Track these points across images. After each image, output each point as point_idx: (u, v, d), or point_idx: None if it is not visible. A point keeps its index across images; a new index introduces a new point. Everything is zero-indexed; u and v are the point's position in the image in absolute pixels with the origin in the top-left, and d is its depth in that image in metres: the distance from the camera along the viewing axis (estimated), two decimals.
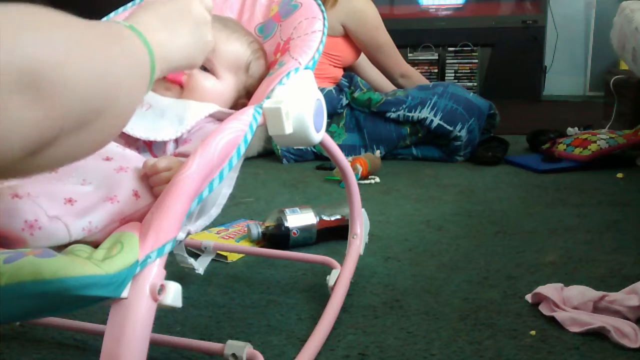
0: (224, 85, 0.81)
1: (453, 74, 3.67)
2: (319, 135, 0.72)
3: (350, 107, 2.11)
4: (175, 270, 1.03)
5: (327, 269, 0.99)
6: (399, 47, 2.29)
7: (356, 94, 2.08)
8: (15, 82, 0.35)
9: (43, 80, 0.37)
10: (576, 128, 2.09)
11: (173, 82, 0.78)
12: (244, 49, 0.83)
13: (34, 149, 0.38)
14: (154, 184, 0.60)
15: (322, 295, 0.96)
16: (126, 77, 0.46)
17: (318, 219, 1.23)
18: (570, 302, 0.89)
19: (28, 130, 0.37)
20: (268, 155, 2.18)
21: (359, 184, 1.03)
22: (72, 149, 0.43)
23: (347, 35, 2.20)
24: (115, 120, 0.46)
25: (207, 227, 0.90)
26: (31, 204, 0.53)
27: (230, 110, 0.78)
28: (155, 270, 0.49)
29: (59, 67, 0.38)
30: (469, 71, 3.65)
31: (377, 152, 1.96)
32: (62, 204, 0.54)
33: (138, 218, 0.57)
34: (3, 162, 0.37)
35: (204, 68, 0.80)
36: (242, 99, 0.84)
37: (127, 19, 0.55)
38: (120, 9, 0.92)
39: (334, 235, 1.24)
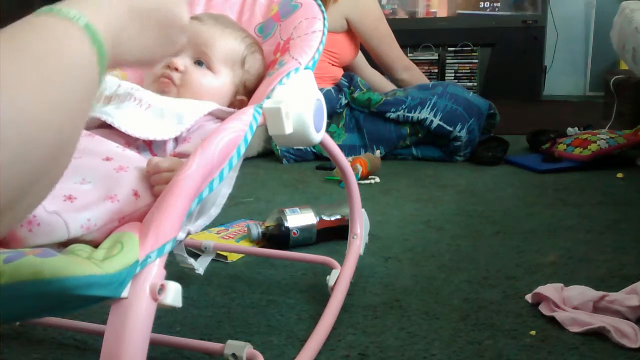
0: (221, 81, 0.81)
1: (453, 74, 3.67)
2: (319, 135, 0.72)
3: (349, 107, 2.11)
4: (175, 271, 1.03)
5: (327, 269, 0.99)
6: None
7: (356, 94, 2.09)
8: None
9: None
10: (576, 128, 2.09)
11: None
12: (237, 43, 0.83)
13: None
14: (154, 183, 0.60)
15: (322, 295, 0.96)
16: (69, 118, 0.37)
17: (318, 219, 1.23)
18: (570, 302, 0.89)
19: None
20: (268, 155, 2.18)
21: (359, 184, 1.03)
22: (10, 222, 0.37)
23: (349, 31, 2.21)
24: (58, 173, 0.39)
25: (207, 227, 0.90)
26: None
27: (230, 109, 0.78)
28: (155, 270, 0.49)
29: None
30: (469, 71, 3.65)
31: (377, 152, 1.96)
32: (61, 201, 0.54)
33: (137, 218, 0.57)
34: None
35: (200, 63, 0.80)
36: (240, 95, 0.84)
37: None
38: None
39: (334, 235, 1.24)
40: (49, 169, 0.37)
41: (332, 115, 2.09)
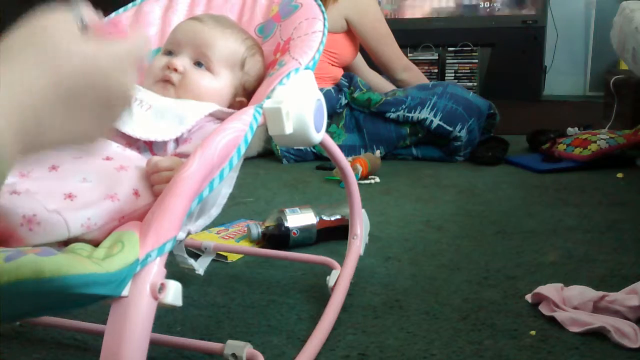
0: (221, 82, 0.81)
1: (453, 74, 3.67)
2: (319, 135, 0.72)
3: (349, 108, 2.11)
4: (175, 270, 1.03)
5: (327, 269, 0.99)
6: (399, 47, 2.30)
7: (356, 94, 2.09)
8: None
9: None
10: (576, 128, 2.09)
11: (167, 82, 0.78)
12: (238, 44, 0.83)
13: None
14: (154, 182, 0.60)
15: (322, 295, 0.96)
16: None
17: (318, 219, 1.23)
18: (570, 302, 0.89)
19: None
20: (268, 155, 2.18)
21: (359, 184, 1.03)
22: None
23: (348, 31, 2.21)
24: None
25: (207, 227, 0.90)
26: (30, 200, 0.53)
27: (230, 110, 0.78)
28: (156, 269, 0.49)
29: None
30: (469, 71, 3.65)
31: (377, 152, 1.95)
32: (61, 199, 0.54)
33: (137, 217, 0.57)
34: None
35: (199, 64, 0.80)
36: (239, 97, 0.84)
37: (15, 66, 0.38)
38: (121, 10, 0.92)
39: (334, 235, 1.24)
40: None
41: (332, 115, 2.09)
